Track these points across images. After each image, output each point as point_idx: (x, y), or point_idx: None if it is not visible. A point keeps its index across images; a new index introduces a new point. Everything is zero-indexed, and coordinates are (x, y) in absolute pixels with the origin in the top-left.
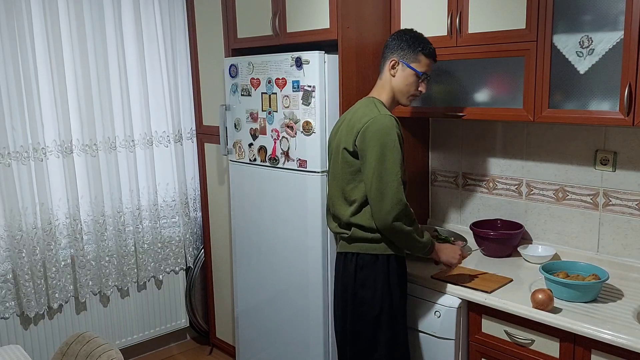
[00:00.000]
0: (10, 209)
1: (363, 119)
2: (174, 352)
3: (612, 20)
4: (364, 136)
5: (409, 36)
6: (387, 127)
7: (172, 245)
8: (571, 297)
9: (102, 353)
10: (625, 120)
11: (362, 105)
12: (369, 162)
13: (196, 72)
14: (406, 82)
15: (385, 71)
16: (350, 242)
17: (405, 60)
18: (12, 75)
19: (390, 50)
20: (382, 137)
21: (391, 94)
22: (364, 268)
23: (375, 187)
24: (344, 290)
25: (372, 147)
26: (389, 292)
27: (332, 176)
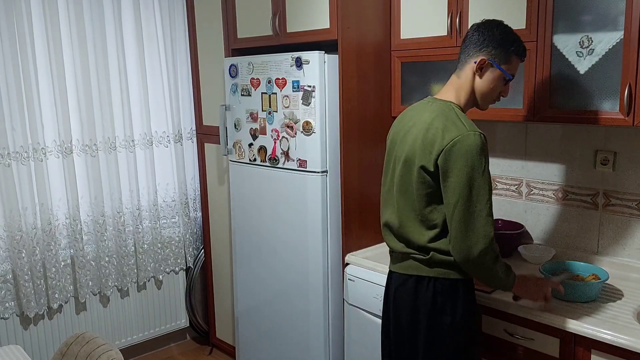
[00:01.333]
0: (10, 209)
1: (447, 134)
2: (174, 352)
3: (612, 20)
4: (449, 156)
5: (499, 31)
6: (478, 147)
7: (172, 245)
8: (571, 297)
9: (102, 353)
10: (625, 120)
11: (440, 111)
12: (452, 188)
13: (196, 72)
14: (493, 85)
15: (467, 70)
16: (430, 265)
17: (496, 61)
18: (12, 76)
19: (476, 46)
20: (471, 160)
21: (471, 97)
22: (443, 294)
23: (459, 217)
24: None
25: (459, 170)
26: (470, 318)
27: (400, 191)
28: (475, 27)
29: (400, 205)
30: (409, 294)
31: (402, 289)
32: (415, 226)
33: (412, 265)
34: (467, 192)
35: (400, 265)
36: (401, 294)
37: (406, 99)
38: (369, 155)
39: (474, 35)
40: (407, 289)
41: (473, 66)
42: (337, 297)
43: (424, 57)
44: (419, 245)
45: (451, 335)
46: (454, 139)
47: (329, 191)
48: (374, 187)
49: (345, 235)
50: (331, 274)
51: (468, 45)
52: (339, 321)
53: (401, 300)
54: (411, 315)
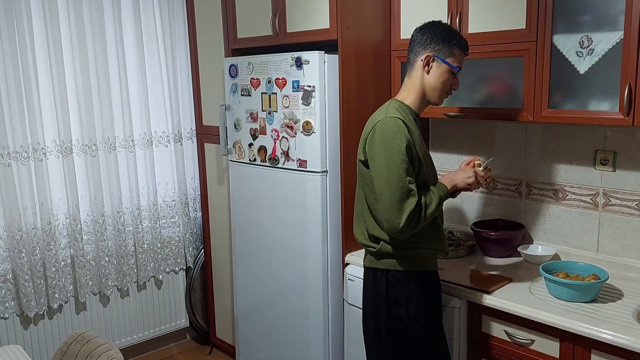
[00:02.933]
0: (10, 209)
1: (371, 124)
2: (173, 352)
3: (612, 20)
4: (370, 143)
5: (440, 29)
6: (392, 130)
7: (172, 245)
8: (571, 297)
9: (102, 353)
10: (625, 120)
11: (380, 109)
12: (374, 171)
13: (196, 72)
14: (441, 79)
15: (416, 69)
16: (379, 257)
17: (441, 55)
18: (12, 75)
19: (420, 45)
20: (386, 143)
21: (422, 94)
22: (395, 286)
23: (381, 193)
24: (376, 308)
25: (377, 154)
26: (427, 310)
27: (358, 187)
28: (418, 29)
29: (360, 198)
30: (369, 287)
31: (365, 282)
32: (369, 217)
33: (370, 259)
34: (386, 172)
35: (365, 259)
36: (366, 288)
37: None
38: None
39: (417, 35)
40: (368, 282)
41: (421, 64)
42: (336, 297)
43: None
44: (372, 235)
45: (409, 327)
46: (373, 127)
47: (328, 191)
48: None
49: (345, 235)
50: (331, 273)
51: (414, 46)
52: (338, 321)
53: (365, 294)
54: (372, 308)
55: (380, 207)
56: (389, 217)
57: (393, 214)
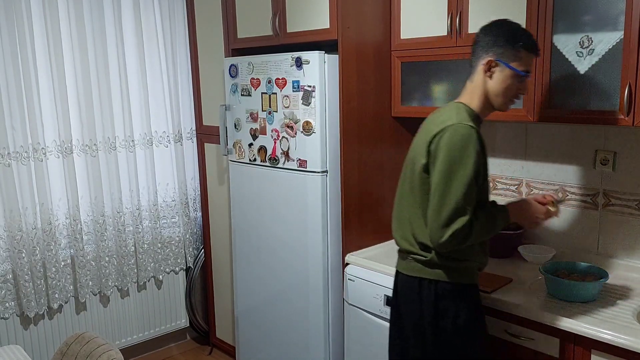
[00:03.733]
0: (10, 209)
1: (440, 125)
2: (174, 352)
3: (612, 21)
4: (437, 144)
5: (504, 29)
6: (464, 138)
7: (172, 245)
8: (571, 297)
9: (102, 353)
10: (625, 120)
11: (446, 110)
12: (435, 177)
13: (196, 72)
14: (505, 85)
15: (477, 73)
16: (429, 267)
17: (504, 59)
18: (12, 75)
19: (483, 47)
20: (454, 150)
21: (485, 99)
22: (445, 297)
23: (434, 205)
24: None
25: (442, 159)
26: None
27: (409, 189)
28: (481, 29)
29: (410, 202)
30: (413, 297)
31: (406, 291)
32: (420, 224)
33: (415, 267)
34: (445, 181)
35: (405, 266)
36: (406, 297)
37: (406, 99)
38: (369, 155)
39: (480, 36)
40: (411, 292)
41: (482, 68)
42: (337, 297)
43: (424, 57)
44: (422, 243)
45: (455, 341)
46: (444, 128)
47: (329, 191)
48: (374, 187)
49: (345, 235)
50: (331, 274)
51: (476, 48)
52: (339, 321)
53: (405, 304)
54: (415, 319)
55: (428, 216)
56: (433, 228)
57: (437, 226)
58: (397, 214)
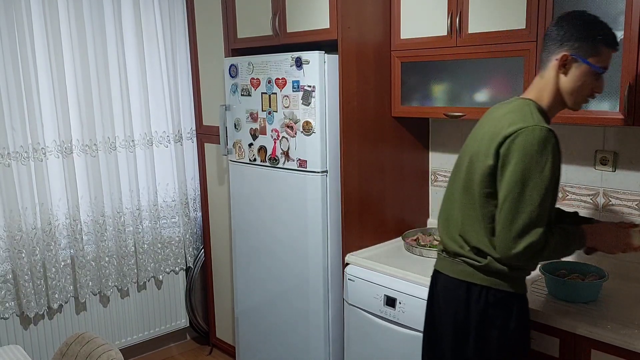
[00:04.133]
0: (10, 209)
1: (513, 125)
2: (173, 352)
3: (612, 20)
4: (510, 147)
5: (582, 21)
6: (541, 142)
7: (172, 245)
8: (571, 297)
9: (102, 353)
10: (625, 120)
11: (515, 108)
12: (506, 181)
13: (196, 72)
14: (580, 82)
15: (549, 69)
16: (484, 273)
17: (581, 55)
18: (12, 75)
19: (556, 41)
20: (530, 155)
21: (556, 97)
22: (495, 306)
23: (506, 214)
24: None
25: (516, 163)
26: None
27: (464, 189)
28: (555, 21)
29: (464, 202)
30: (459, 301)
31: (451, 294)
32: (476, 227)
33: (465, 270)
34: (520, 188)
35: (451, 268)
36: (449, 300)
37: (406, 99)
38: (369, 155)
39: (553, 30)
40: (457, 295)
41: (555, 64)
42: (337, 297)
43: (424, 57)
44: (476, 247)
45: (499, 351)
46: (518, 130)
47: (329, 191)
48: (374, 187)
49: (345, 235)
50: (331, 274)
51: (548, 42)
52: (339, 321)
53: (446, 306)
54: (458, 324)
55: (499, 225)
56: (503, 240)
57: (510, 237)
58: (445, 214)
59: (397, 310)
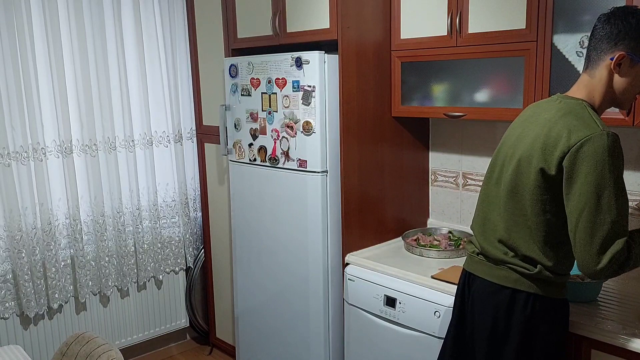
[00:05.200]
0: (10, 209)
1: (575, 133)
2: (173, 352)
3: None
4: (577, 157)
5: (636, 19)
6: (611, 149)
7: (172, 245)
8: (571, 297)
9: (102, 353)
10: (625, 121)
11: (569, 109)
12: (579, 194)
13: (196, 72)
14: (634, 82)
15: (601, 68)
16: (534, 281)
17: (637, 54)
18: (12, 75)
19: (610, 39)
20: (602, 163)
21: (607, 97)
22: (541, 313)
23: (584, 228)
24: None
25: (587, 174)
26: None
27: (510, 193)
28: (604, 18)
29: (509, 208)
30: (501, 307)
31: (489, 299)
32: (524, 234)
33: (510, 276)
34: (595, 199)
35: (492, 273)
36: (488, 305)
37: (406, 99)
38: (369, 155)
39: (605, 27)
40: (498, 301)
41: (609, 63)
42: (337, 297)
43: (424, 57)
44: (525, 256)
45: (542, 357)
46: (583, 138)
47: (329, 191)
48: (374, 187)
49: (345, 235)
50: (331, 274)
51: (600, 39)
52: (339, 321)
53: (488, 313)
54: (498, 331)
55: (578, 242)
56: (587, 257)
57: (593, 253)
58: (482, 218)
59: (397, 310)
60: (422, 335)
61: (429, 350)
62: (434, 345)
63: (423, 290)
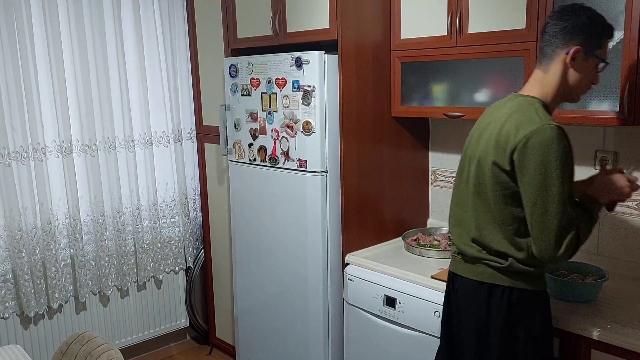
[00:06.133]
0: (10, 209)
1: (521, 129)
2: (173, 352)
3: (612, 20)
4: (524, 152)
5: (587, 15)
6: (554, 140)
7: (171, 245)
8: (571, 297)
9: (102, 353)
10: (625, 120)
11: (518, 107)
12: (529, 186)
13: (196, 72)
14: (586, 75)
15: (555, 63)
16: (506, 274)
17: (590, 48)
18: (12, 75)
19: (564, 35)
20: (546, 155)
21: (561, 91)
22: (519, 305)
23: (539, 218)
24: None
25: (534, 167)
26: (546, 333)
27: (475, 193)
28: (556, 15)
29: (477, 207)
30: (481, 303)
31: (471, 296)
32: (493, 230)
33: (485, 271)
34: (545, 190)
35: (470, 270)
36: (470, 302)
37: (406, 99)
38: (369, 155)
39: (558, 24)
40: (478, 297)
41: (564, 57)
42: (336, 297)
43: (424, 57)
44: (497, 251)
45: (525, 351)
46: (529, 133)
47: (329, 191)
48: (374, 187)
49: (345, 235)
50: (331, 273)
51: (553, 35)
52: (338, 321)
53: (470, 309)
54: (481, 326)
55: (534, 233)
56: (544, 247)
57: (551, 241)
58: (457, 219)
59: (397, 310)
60: (421, 335)
61: (428, 350)
62: (433, 345)
63: (423, 290)
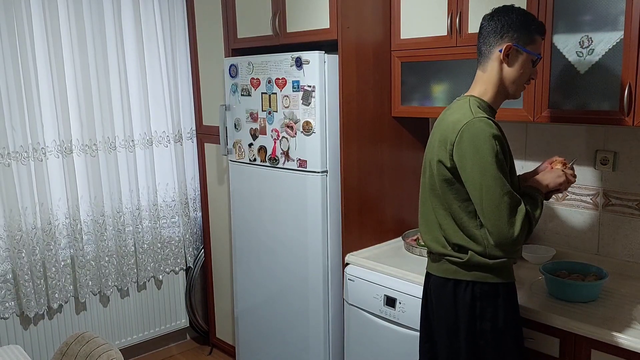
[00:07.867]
0: (10, 209)
1: (456, 126)
2: (173, 352)
3: (612, 20)
4: (459, 148)
5: (516, 14)
6: (483, 131)
7: (171, 245)
8: (571, 297)
9: (102, 353)
10: (625, 120)
11: (458, 107)
12: (471, 180)
13: (196, 72)
14: (522, 70)
15: (492, 61)
16: (467, 269)
17: (520, 44)
18: (12, 75)
19: (496, 34)
20: (478, 144)
21: (500, 88)
22: (482, 298)
23: (487, 201)
24: (455, 321)
25: (471, 160)
26: (513, 324)
27: (431, 191)
28: (488, 16)
29: (435, 204)
30: (448, 298)
31: (440, 293)
32: (451, 224)
33: (449, 268)
34: (487, 180)
35: (437, 268)
36: (440, 299)
37: (406, 99)
38: (369, 155)
39: (490, 24)
40: (445, 293)
41: (499, 55)
42: (337, 297)
43: (424, 57)
44: (456, 244)
45: (494, 343)
46: (460, 129)
47: (329, 191)
48: (374, 187)
49: (345, 235)
50: (331, 274)
51: (487, 35)
52: (338, 321)
53: (440, 305)
54: (451, 321)
55: (487, 219)
56: (499, 229)
57: (503, 225)
58: (423, 217)
59: (397, 310)
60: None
61: None
62: None
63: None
